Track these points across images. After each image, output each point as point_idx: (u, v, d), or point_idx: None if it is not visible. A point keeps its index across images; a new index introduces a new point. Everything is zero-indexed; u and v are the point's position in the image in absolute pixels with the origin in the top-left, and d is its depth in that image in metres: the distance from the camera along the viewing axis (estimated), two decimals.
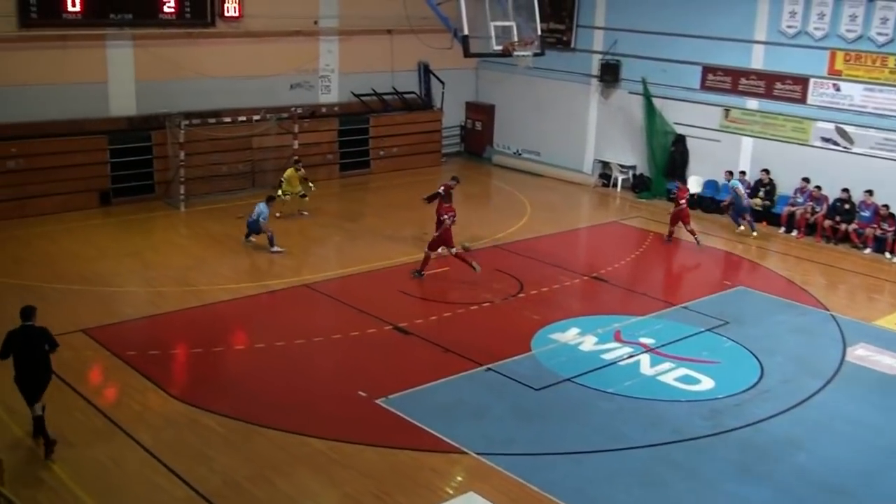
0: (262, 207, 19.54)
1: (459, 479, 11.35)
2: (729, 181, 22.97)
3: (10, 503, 8.05)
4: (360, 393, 13.29)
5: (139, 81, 23.49)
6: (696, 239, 21.39)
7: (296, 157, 22.81)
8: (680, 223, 21.63)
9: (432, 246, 18.35)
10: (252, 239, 19.87)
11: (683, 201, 21.54)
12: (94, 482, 10.75)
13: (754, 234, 22.35)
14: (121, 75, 23.29)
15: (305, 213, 22.41)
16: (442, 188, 19.69)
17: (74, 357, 14.11)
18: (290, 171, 22.16)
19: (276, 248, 19.36)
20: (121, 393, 13.26)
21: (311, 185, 22.37)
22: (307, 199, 22.32)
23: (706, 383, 14.16)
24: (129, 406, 12.73)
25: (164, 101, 23.47)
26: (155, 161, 23.47)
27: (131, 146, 23.11)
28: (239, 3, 24.57)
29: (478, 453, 11.76)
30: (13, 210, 21.06)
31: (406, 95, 28.84)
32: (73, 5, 21.94)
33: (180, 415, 12.51)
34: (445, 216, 18.27)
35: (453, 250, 18.29)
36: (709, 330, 16.33)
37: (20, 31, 21.42)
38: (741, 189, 22.63)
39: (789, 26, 23.19)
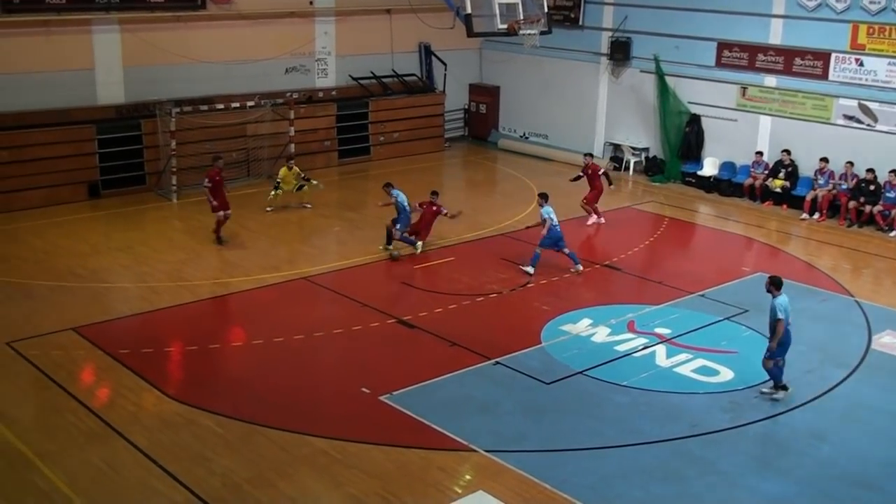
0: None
1: (468, 477, 11.40)
2: (542, 206, 18.85)
3: None
4: (364, 389, 13.35)
5: (127, 68, 23.56)
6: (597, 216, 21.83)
7: (287, 156, 22.78)
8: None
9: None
10: None
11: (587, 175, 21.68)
12: (88, 487, 10.82)
13: (576, 269, 18.67)
14: (107, 62, 23.36)
15: (308, 205, 22.44)
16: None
17: (65, 356, 14.21)
18: (283, 171, 22.18)
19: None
20: (114, 393, 13.30)
21: (314, 182, 22.38)
22: (305, 188, 22.33)
23: (725, 374, 14.19)
24: (124, 407, 12.79)
25: (154, 89, 23.57)
26: (145, 151, 23.58)
27: (120, 136, 23.23)
28: None
29: (487, 451, 11.81)
30: None
31: (406, 78, 28.85)
32: None
33: (177, 415, 12.58)
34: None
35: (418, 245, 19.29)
36: (727, 318, 16.36)
37: (2, 17, 21.49)
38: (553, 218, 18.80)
39: None
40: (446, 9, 19.31)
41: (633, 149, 27.15)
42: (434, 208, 19.44)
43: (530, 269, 18.25)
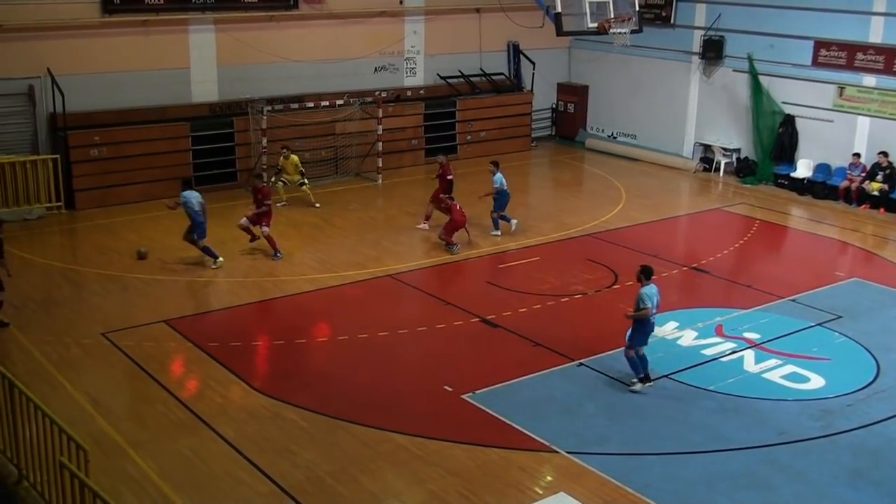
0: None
1: (549, 478, 11.35)
2: (494, 174, 20.18)
3: (95, 495, 8.36)
4: (446, 387, 13.39)
5: (221, 67, 24.06)
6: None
7: (282, 146, 22.66)
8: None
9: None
10: None
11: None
12: (177, 475, 11.07)
13: (496, 233, 20.33)
14: (202, 61, 23.89)
15: (317, 204, 22.42)
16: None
17: (157, 348, 14.57)
18: (281, 160, 22.37)
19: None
20: (203, 385, 13.59)
21: (305, 181, 22.43)
22: (305, 188, 22.43)
23: (816, 381, 13.87)
24: (212, 399, 13.06)
25: (246, 87, 24.02)
26: (237, 148, 24.02)
27: (213, 133, 23.71)
28: None
29: (569, 452, 11.75)
30: (97, 199, 21.85)
31: (494, 77, 28.83)
32: None
33: (263, 408, 12.80)
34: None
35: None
36: (819, 324, 15.97)
37: (103, 17, 22.15)
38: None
39: None
40: (536, 7, 19.28)
41: (724, 150, 26.65)
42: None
43: (497, 233, 20.12)
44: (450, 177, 20.60)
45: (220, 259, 18.19)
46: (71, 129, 21.69)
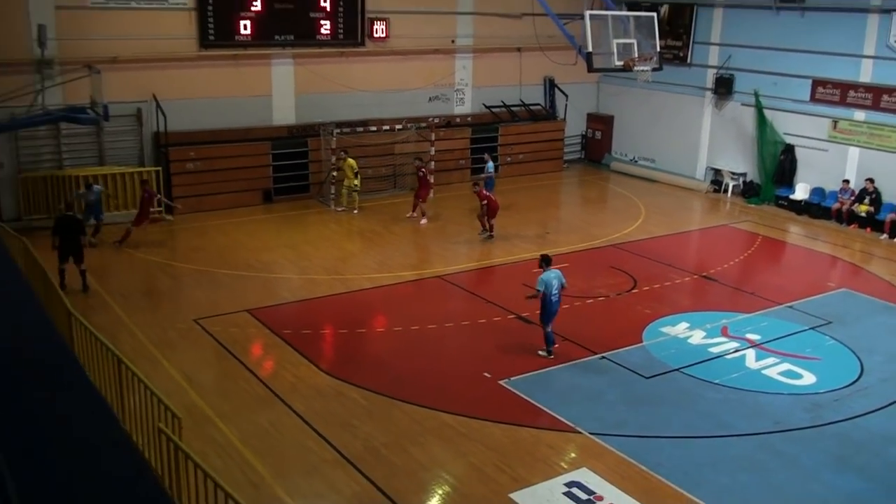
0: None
1: (574, 455, 11.34)
2: (487, 161, 23.43)
3: (187, 457, 8.53)
4: (486, 374, 13.43)
5: (298, 95, 24.29)
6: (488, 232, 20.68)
7: (342, 149, 22.72)
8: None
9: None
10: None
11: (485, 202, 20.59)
12: (255, 442, 11.23)
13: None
14: (282, 89, 24.14)
15: (356, 210, 22.59)
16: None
17: (240, 333, 14.77)
18: (340, 163, 22.56)
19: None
20: (278, 366, 13.74)
21: (357, 187, 22.56)
22: (355, 195, 22.55)
23: (808, 378, 13.70)
24: (285, 378, 13.21)
25: (319, 112, 24.20)
26: (310, 164, 24.20)
27: (290, 151, 23.92)
28: (385, 25, 25.10)
29: (591, 433, 11.74)
30: (192, 205, 22.12)
31: (532, 107, 28.80)
32: (245, 29, 22.92)
33: (328, 387, 12.92)
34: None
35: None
36: (812, 328, 15.77)
37: (200, 51, 22.50)
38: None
39: None
40: (570, 47, 19.19)
41: (732, 173, 26.37)
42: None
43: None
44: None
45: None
46: (171, 145, 22.04)
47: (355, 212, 22.52)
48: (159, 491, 6.86)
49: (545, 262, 14.10)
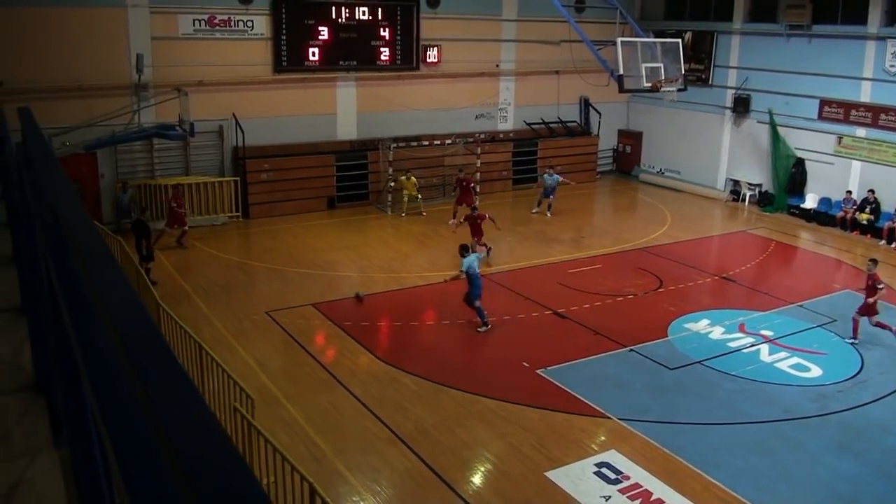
0: None
1: (603, 438, 11.23)
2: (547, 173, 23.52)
3: (258, 433, 8.60)
4: (524, 364, 13.35)
5: (360, 113, 24.39)
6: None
7: (406, 169, 22.88)
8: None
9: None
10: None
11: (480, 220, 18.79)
12: (319, 422, 11.31)
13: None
14: (346, 108, 24.28)
15: (424, 213, 22.75)
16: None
17: (306, 324, 14.88)
18: (402, 180, 22.67)
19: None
20: (339, 354, 13.81)
21: (419, 196, 22.86)
22: (419, 200, 22.72)
23: (815, 371, 13.38)
24: (345, 364, 13.27)
25: (378, 129, 24.28)
26: (369, 175, 24.29)
27: (352, 163, 24.03)
28: (438, 51, 25.10)
29: (619, 418, 11.60)
30: (265, 210, 22.40)
31: (569, 124, 28.56)
32: (313, 56, 23.10)
33: (384, 373, 12.95)
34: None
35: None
36: (819, 326, 15.40)
37: (274, 75, 22.75)
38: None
39: (891, 66, 21.62)
40: (603, 70, 19.03)
41: (749, 184, 25.86)
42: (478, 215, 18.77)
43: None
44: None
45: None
46: (248, 158, 22.28)
47: (423, 214, 22.67)
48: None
49: (464, 250, 14.96)
